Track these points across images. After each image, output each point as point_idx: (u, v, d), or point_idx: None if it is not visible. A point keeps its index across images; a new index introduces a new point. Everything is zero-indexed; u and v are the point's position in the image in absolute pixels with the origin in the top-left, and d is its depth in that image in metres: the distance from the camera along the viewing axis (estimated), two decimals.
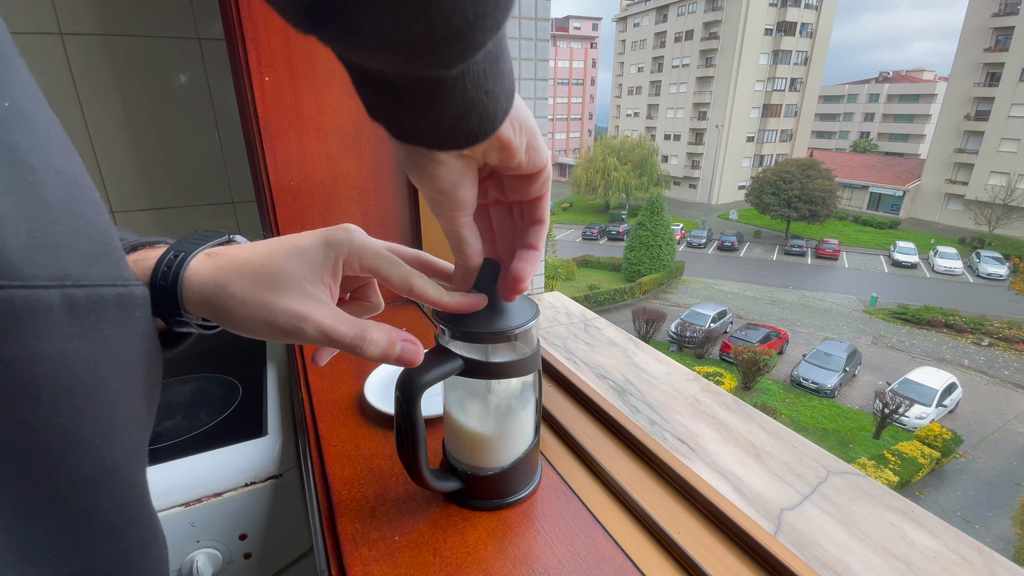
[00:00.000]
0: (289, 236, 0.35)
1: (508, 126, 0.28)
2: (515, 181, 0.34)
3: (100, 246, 0.24)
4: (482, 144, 0.28)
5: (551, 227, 4.94)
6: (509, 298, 0.38)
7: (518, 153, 0.30)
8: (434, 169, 0.29)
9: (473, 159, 0.30)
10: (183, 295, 0.31)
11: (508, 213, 0.38)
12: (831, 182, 21.97)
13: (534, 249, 0.37)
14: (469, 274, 0.37)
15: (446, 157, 0.29)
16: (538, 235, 0.36)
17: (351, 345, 0.33)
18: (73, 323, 0.22)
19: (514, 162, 0.31)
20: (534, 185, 0.34)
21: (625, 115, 40.03)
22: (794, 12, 30.35)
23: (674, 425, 0.75)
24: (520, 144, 0.30)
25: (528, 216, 0.36)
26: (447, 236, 0.34)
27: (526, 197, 0.35)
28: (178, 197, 1.25)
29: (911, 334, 14.93)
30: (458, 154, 0.29)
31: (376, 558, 0.42)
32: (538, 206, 0.36)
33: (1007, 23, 24.37)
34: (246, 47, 0.78)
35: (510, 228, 0.38)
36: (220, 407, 0.87)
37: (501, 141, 0.29)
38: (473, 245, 0.35)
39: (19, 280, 0.20)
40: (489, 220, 0.39)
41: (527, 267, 0.36)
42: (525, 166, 0.32)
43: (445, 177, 0.30)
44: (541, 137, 0.32)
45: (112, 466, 0.25)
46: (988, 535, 8.09)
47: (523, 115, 0.30)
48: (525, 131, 0.30)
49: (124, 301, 0.25)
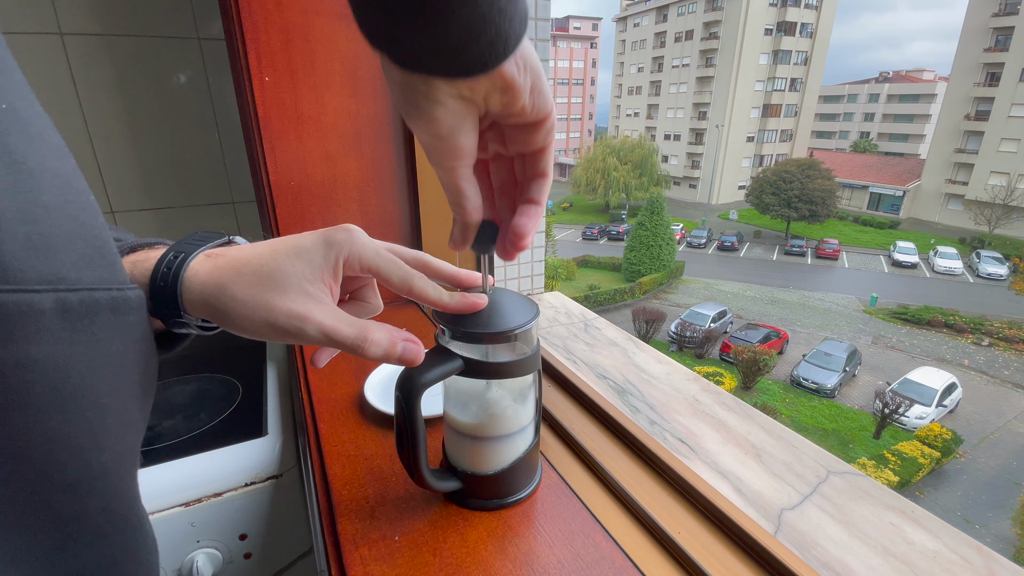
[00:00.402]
0: (289, 236, 0.35)
1: (512, 64, 0.27)
2: (517, 131, 0.32)
3: (95, 249, 0.24)
4: (483, 82, 0.27)
5: (551, 227, 4.81)
6: (510, 256, 0.36)
7: (522, 95, 0.28)
8: (433, 111, 0.28)
9: (474, 103, 0.28)
10: (183, 296, 0.31)
11: (509, 170, 0.36)
12: (831, 182, 21.97)
13: (536, 204, 0.35)
14: (468, 230, 0.35)
15: (445, 98, 0.27)
16: (541, 190, 0.35)
17: (352, 345, 0.33)
18: (65, 327, 0.22)
19: (517, 105, 0.29)
20: (537, 134, 0.32)
21: (625, 115, 40.03)
22: (794, 12, 30.35)
23: (674, 425, 0.75)
24: (524, 84, 0.28)
25: (530, 170, 0.34)
26: (445, 189, 0.33)
27: (529, 148, 0.33)
28: (178, 197, 1.25)
29: (911, 334, 14.93)
30: (458, 95, 0.27)
31: (376, 558, 0.42)
32: (541, 158, 0.34)
33: (1007, 23, 24.37)
34: (246, 47, 0.78)
35: (511, 187, 0.37)
36: (220, 407, 0.87)
37: (505, 80, 0.27)
38: (472, 199, 0.33)
39: (11, 284, 0.20)
40: (489, 179, 0.37)
41: (529, 222, 0.34)
42: (529, 111, 0.30)
43: (444, 120, 0.28)
44: (546, 80, 0.30)
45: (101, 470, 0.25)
46: (988, 535, 8.09)
47: (529, 55, 0.28)
48: (530, 71, 0.28)
49: (118, 305, 0.25)
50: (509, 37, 0.25)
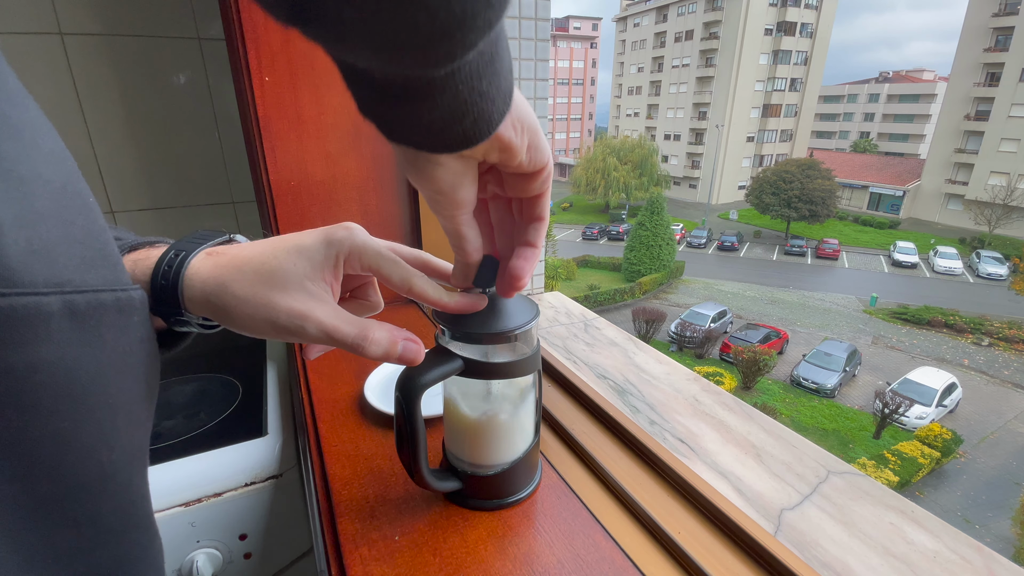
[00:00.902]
0: (290, 235, 0.35)
1: (509, 126, 0.28)
2: (515, 178, 0.33)
3: (95, 251, 0.24)
4: (482, 144, 0.28)
5: (551, 227, 4.88)
6: (507, 295, 0.38)
7: (519, 153, 0.30)
8: (432, 170, 0.29)
9: (473, 158, 0.29)
10: (184, 294, 0.31)
11: (508, 208, 0.37)
12: (831, 182, 21.97)
13: (533, 247, 0.36)
14: (469, 270, 0.36)
15: (444, 158, 0.28)
16: (537, 233, 0.36)
17: (353, 344, 0.33)
18: (73, 329, 0.22)
19: (515, 162, 0.30)
20: (534, 183, 0.33)
21: (625, 115, 40.02)
22: (794, 12, 30.35)
23: (674, 425, 0.75)
24: (521, 144, 0.29)
25: (528, 213, 0.36)
26: (447, 233, 0.34)
27: (526, 195, 0.34)
28: (178, 197, 1.25)
29: (911, 334, 14.93)
30: (458, 155, 0.28)
31: (376, 558, 0.42)
32: (538, 204, 0.35)
33: (1007, 23, 24.37)
34: (246, 47, 0.78)
35: (509, 223, 0.38)
36: (220, 407, 0.87)
37: (502, 142, 0.28)
38: (472, 242, 0.34)
39: (19, 287, 0.20)
40: (488, 215, 0.38)
41: (526, 265, 0.36)
42: (527, 166, 0.31)
43: (443, 178, 0.29)
44: (543, 136, 0.31)
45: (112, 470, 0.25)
46: (988, 535, 8.09)
47: (524, 114, 0.29)
48: (527, 131, 0.29)
49: (123, 305, 0.25)
50: (492, 116, 0.26)
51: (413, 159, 0.28)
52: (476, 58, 0.22)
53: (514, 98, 0.28)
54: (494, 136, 0.27)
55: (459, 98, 0.24)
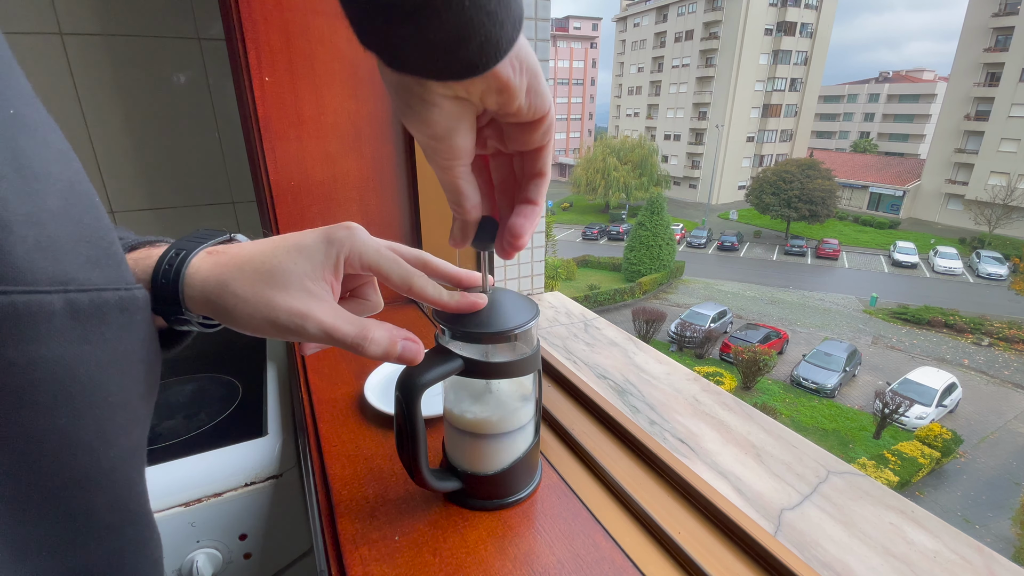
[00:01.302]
0: (290, 234, 0.35)
1: (508, 64, 0.26)
2: (515, 129, 0.32)
3: (100, 250, 0.24)
4: (479, 82, 0.26)
5: (551, 227, 4.81)
6: (508, 255, 0.36)
7: (518, 95, 0.28)
8: (428, 112, 0.27)
9: (470, 102, 0.28)
10: (184, 293, 0.31)
11: (509, 167, 0.36)
12: (831, 182, 21.97)
13: (534, 204, 0.35)
14: (467, 228, 0.35)
15: (441, 99, 0.27)
16: (538, 189, 0.35)
17: (352, 344, 0.33)
18: (75, 327, 0.22)
19: (514, 105, 0.29)
20: (535, 134, 0.32)
21: (625, 115, 40.02)
22: (794, 12, 30.35)
23: (674, 425, 0.75)
24: (520, 85, 0.28)
25: (529, 168, 0.34)
26: (443, 187, 0.33)
27: (527, 147, 0.33)
28: (178, 197, 1.25)
29: (911, 334, 14.93)
30: (453, 96, 0.27)
31: (376, 558, 0.42)
32: (539, 158, 0.34)
33: (1007, 23, 24.36)
34: (246, 47, 0.78)
35: (511, 183, 0.36)
36: (220, 407, 0.87)
37: (500, 81, 0.27)
38: (471, 197, 0.33)
39: (22, 285, 0.20)
40: (489, 174, 0.37)
41: (526, 223, 0.35)
42: (525, 111, 0.30)
43: (440, 121, 0.28)
44: (544, 80, 0.30)
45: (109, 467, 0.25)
46: (988, 535, 8.09)
47: (525, 54, 0.27)
48: (527, 71, 0.28)
49: (126, 304, 0.25)
50: (500, 41, 0.25)
51: (408, 99, 0.27)
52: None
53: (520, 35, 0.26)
54: (492, 73, 0.26)
55: (465, 15, 0.23)
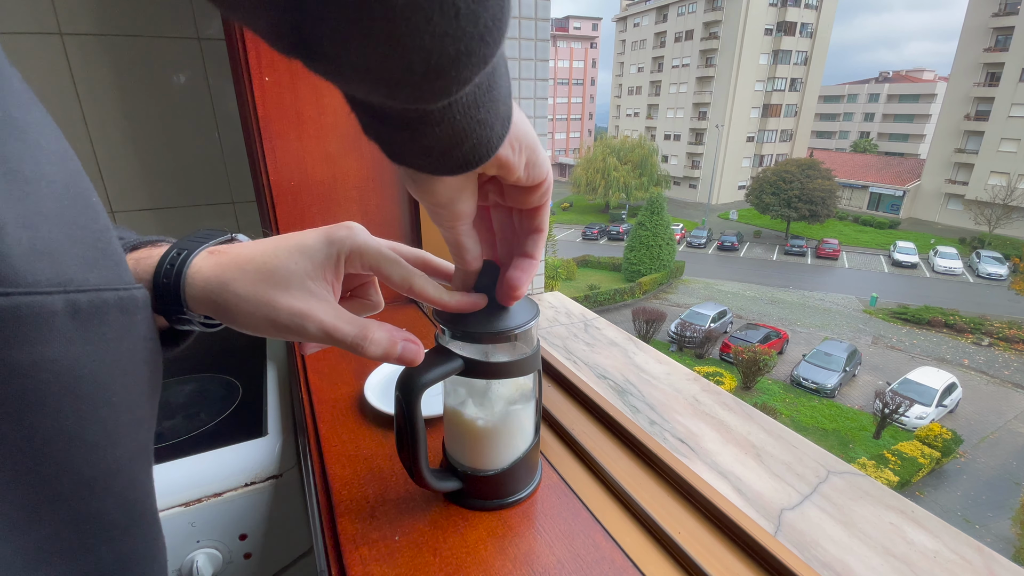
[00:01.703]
0: (291, 234, 0.35)
1: (507, 146, 0.28)
2: (515, 190, 0.34)
3: (98, 251, 0.24)
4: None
5: (551, 227, 4.88)
6: (506, 304, 0.38)
7: (516, 170, 0.30)
8: (431, 186, 0.29)
9: (474, 175, 0.30)
10: (186, 293, 0.32)
11: (508, 214, 0.38)
12: (831, 182, 21.97)
13: (531, 259, 0.37)
14: (468, 277, 0.37)
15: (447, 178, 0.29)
16: (536, 244, 0.37)
17: (352, 344, 0.33)
18: (77, 328, 0.22)
19: (512, 178, 0.31)
20: (533, 196, 0.34)
21: (625, 115, 40.02)
22: (794, 12, 30.35)
23: (674, 425, 0.75)
24: (519, 162, 0.30)
25: (527, 224, 0.36)
26: (447, 242, 0.35)
27: (525, 206, 0.35)
28: (178, 197, 1.25)
29: (911, 334, 14.93)
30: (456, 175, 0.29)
31: (376, 558, 0.42)
32: (537, 215, 0.36)
33: (1007, 23, 24.37)
34: (246, 47, 0.78)
35: (510, 228, 0.38)
36: (220, 407, 0.87)
37: (500, 160, 0.29)
38: (472, 251, 0.35)
39: (23, 287, 0.20)
40: (490, 221, 0.39)
41: (523, 276, 0.37)
42: (524, 181, 0.32)
43: (443, 193, 0.30)
44: (542, 151, 0.32)
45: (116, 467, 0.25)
46: (988, 535, 8.09)
47: (523, 132, 0.29)
48: (524, 149, 0.30)
49: (126, 304, 0.25)
50: (491, 141, 0.26)
51: (413, 175, 0.29)
52: (473, 90, 0.23)
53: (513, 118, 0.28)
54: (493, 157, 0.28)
55: (457, 127, 0.24)
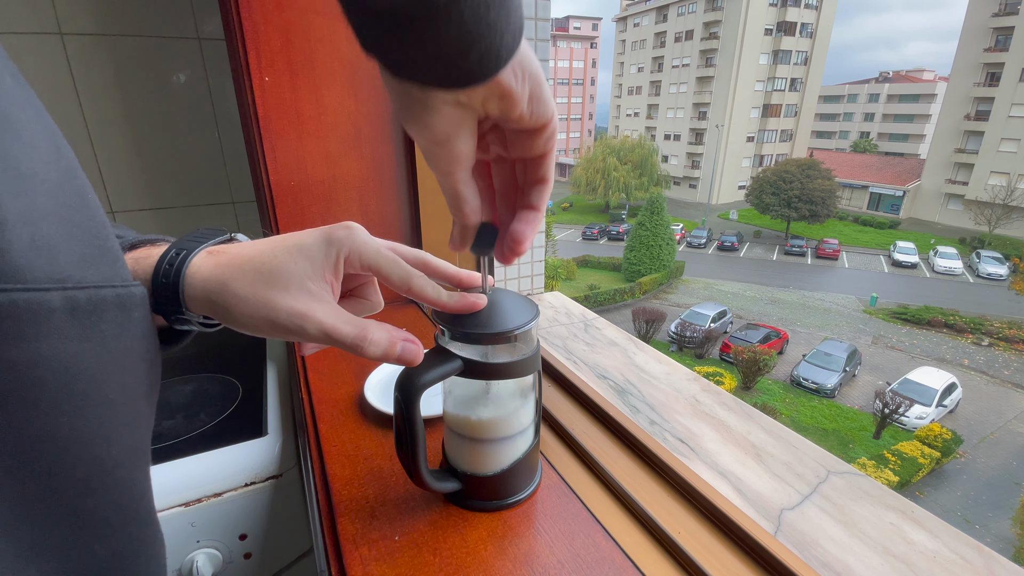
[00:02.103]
0: (290, 234, 0.35)
1: (510, 72, 0.26)
2: (518, 136, 0.32)
3: (95, 248, 0.24)
4: (480, 89, 0.26)
5: (551, 227, 4.81)
6: (507, 261, 0.36)
7: (520, 102, 0.28)
8: (428, 117, 0.27)
9: (471, 108, 0.28)
10: (185, 293, 0.31)
11: (511, 173, 0.36)
12: (831, 182, 21.97)
13: (535, 210, 0.35)
14: (467, 232, 0.35)
15: (441, 105, 0.27)
16: (540, 195, 0.35)
17: (352, 344, 0.33)
18: (74, 325, 0.22)
19: (516, 112, 0.29)
20: (538, 140, 0.32)
21: (625, 115, 40.02)
22: (794, 12, 30.35)
23: (674, 425, 0.75)
24: (522, 92, 0.28)
25: (531, 175, 0.34)
26: (444, 192, 0.33)
27: (529, 153, 0.33)
28: (178, 197, 1.25)
29: (911, 334, 14.93)
30: (455, 102, 0.27)
31: (376, 558, 0.42)
32: (542, 164, 0.34)
33: (1007, 23, 24.36)
34: (246, 47, 0.78)
35: (512, 190, 0.37)
36: (220, 407, 0.87)
37: (502, 88, 0.27)
38: (471, 202, 0.33)
39: (22, 283, 0.20)
40: (490, 179, 0.37)
41: (527, 228, 0.35)
42: (527, 118, 0.30)
43: (440, 127, 0.28)
44: (547, 87, 0.30)
45: (112, 465, 0.25)
46: (988, 535, 8.09)
47: (527, 61, 0.28)
48: (529, 79, 0.28)
49: (123, 301, 0.25)
50: (500, 51, 0.25)
51: (409, 104, 0.27)
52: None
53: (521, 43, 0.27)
54: (494, 81, 0.26)
55: (465, 27, 0.23)
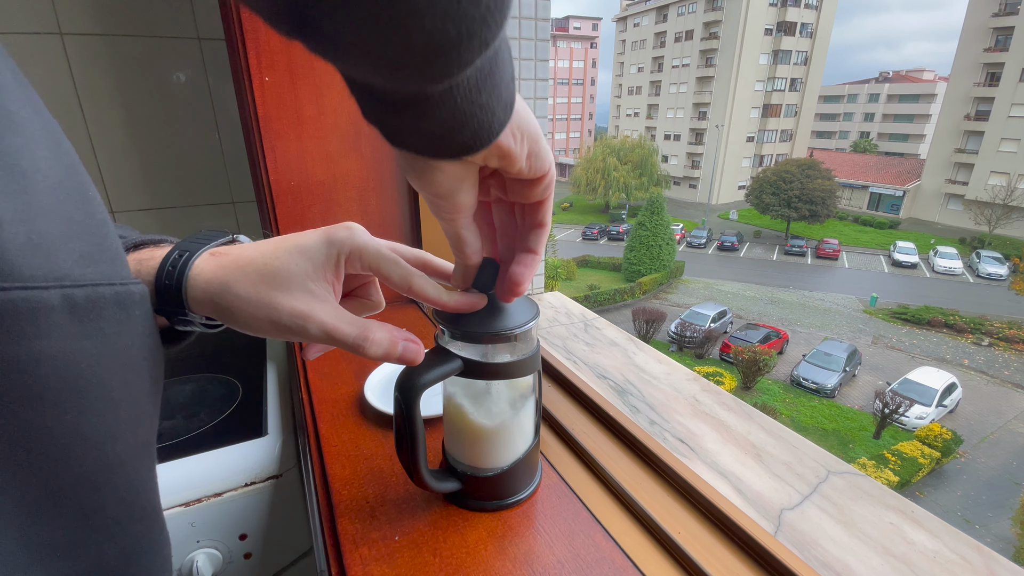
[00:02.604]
0: (292, 235, 0.35)
1: (509, 134, 0.28)
2: (516, 184, 0.33)
3: (94, 246, 0.24)
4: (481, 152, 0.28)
5: (551, 227, 4.84)
6: (507, 300, 0.38)
7: (519, 161, 0.30)
8: (432, 175, 0.29)
9: (473, 163, 0.29)
10: (188, 294, 0.32)
11: (510, 211, 0.38)
12: (831, 182, 21.97)
13: (533, 254, 0.37)
14: (468, 272, 0.37)
15: (444, 163, 0.28)
16: (538, 239, 0.36)
17: (353, 345, 0.33)
18: (74, 323, 0.22)
19: (515, 169, 0.30)
20: (535, 190, 0.33)
21: (625, 115, 40.02)
22: (794, 12, 30.35)
23: (674, 425, 0.75)
24: (521, 152, 0.29)
25: (529, 219, 0.36)
26: (447, 235, 0.34)
27: (527, 200, 0.34)
28: (178, 197, 1.25)
29: (911, 334, 14.93)
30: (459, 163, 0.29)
31: (376, 558, 0.42)
32: (539, 210, 0.35)
33: (1007, 23, 24.36)
34: (246, 47, 0.78)
35: (512, 226, 0.38)
36: (220, 407, 0.87)
37: (501, 149, 0.28)
38: (472, 245, 0.35)
39: (19, 281, 0.20)
40: (491, 216, 0.39)
41: (525, 271, 0.36)
42: (526, 173, 0.31)
43: (443, 183, 0.29)
44: (544, 143, 0.31)
45: (116, 462, 0.25)
46: (988, 535, 8.09)
47: (525, 122, 0.29)
48: (527, 138, 0.29)
49: (123, 300, 0.25)
50: (492, 126, 0.26)
51: (413, 163, 0.29)
52: (474, 73, 0.23)
53: (515, 106, 0.28)
54: (494, 144, 0.28)
55: (458, 110, 0.24)
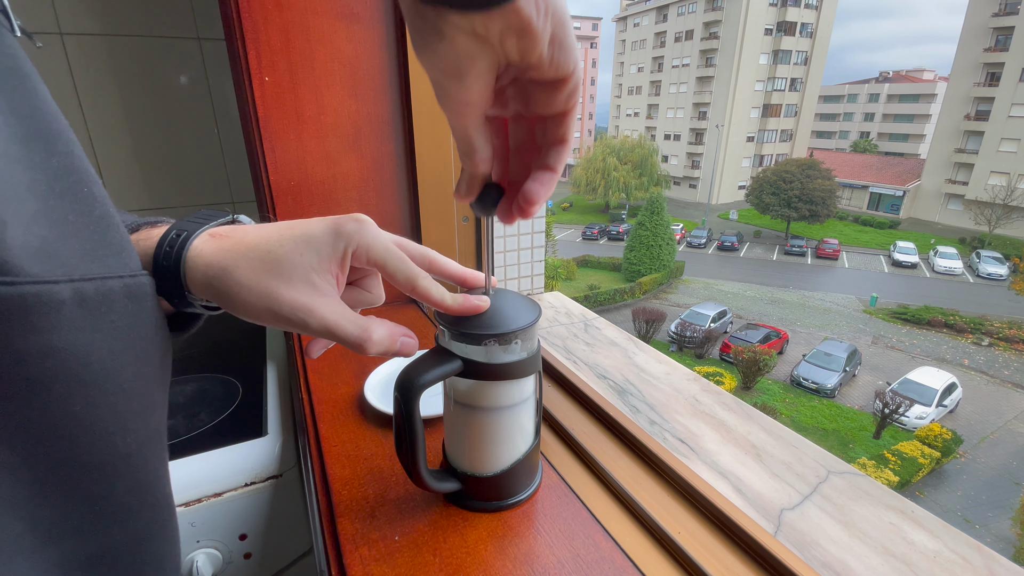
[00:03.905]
0: (298, 221, 0.34)
1: (532, 3, 0.25)
2: (539, 89, 0.30)
3: (100, 239, 0.25)
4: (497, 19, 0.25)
5: (551, 227, 4.75)
6: (510, 220, 0.34)
7: (540, 41, 0.26)
8: (440, 45, 0.26)
9: (488, 42, 0.26)
10: (186, 276, 0.31)
11: (529, 133, 0.34)
12: (831, 182, 21.97)
13: (552, 171, 0.33)
14: (474, 181, 0.33)
15: (456, 32, 0.25)
16: (559, 156, 0.33)
17: (355, 343, 0.33)
18: (84, 316, 0.22)
19: (535, 54, 0.27)
20: (560, 95, 0.30)
21: (625, 115, 40.02)
22: (794, 12, 30.35)
23: (674, 425, 0.75)
24: (543, 29, 0.26)
25: (551, 134, 0.33)
26: (454, 135, 0.31)
27: (550, 110, 0.31)
28: (178, 197, 1.25)
29: (911, 334, 14.93)
30: (470, 31, 0.25)
31: (376, 558, 0.42)
32: (562, 123, 0.32)
33: (1007, 23, 24.37)
34: (246, 47, 0.78)
35: (528, 150, 0.35)
36: (220, 407, 0.87)
37: (520, 20, 0.25)
38: (481, 150, 0.31)
39: (29, 276, 0.20)
40: (506, 138, 0.36)
41: (542, 189, 0.33)
42: (547, 63, 0.28)
43: (451, 57, 0.26)
44: (572, 34, 0.28)
45: (127, 452, 0.25)
46: (988, 535, 8.09)
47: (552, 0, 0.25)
48: (552, 17, 0.26)
49: (132, 292, 0.25)
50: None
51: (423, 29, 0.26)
52: None
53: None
54: (512, 9, 0.24)
55: None
